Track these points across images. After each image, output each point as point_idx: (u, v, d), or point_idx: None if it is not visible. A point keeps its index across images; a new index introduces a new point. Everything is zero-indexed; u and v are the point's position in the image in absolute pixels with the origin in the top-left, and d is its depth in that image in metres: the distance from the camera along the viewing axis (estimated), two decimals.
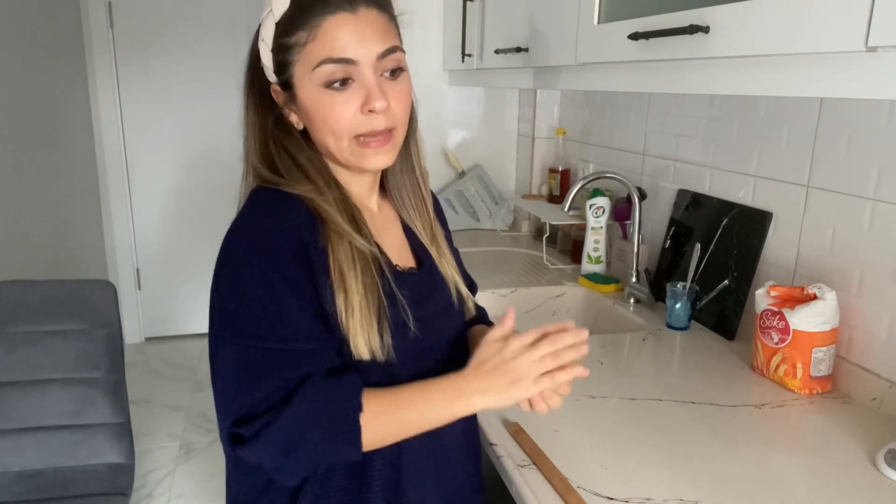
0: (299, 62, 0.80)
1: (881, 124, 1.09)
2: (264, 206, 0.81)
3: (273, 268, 0.76)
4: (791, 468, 0.93)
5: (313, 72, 0.79)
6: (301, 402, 0.73)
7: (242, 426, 0.74)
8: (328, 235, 0.80)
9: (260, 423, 0.73)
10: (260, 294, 0.75)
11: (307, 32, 0.78)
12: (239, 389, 0.75)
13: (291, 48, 0.80)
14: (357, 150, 0.82)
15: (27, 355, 1.59)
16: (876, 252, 1.11)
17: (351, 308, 0.78)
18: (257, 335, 0.75)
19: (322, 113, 0.81)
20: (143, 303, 3.50)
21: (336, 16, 0.78)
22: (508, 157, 2.55)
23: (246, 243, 0.78)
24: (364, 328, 0.78)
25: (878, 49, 0.69)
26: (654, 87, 1.11)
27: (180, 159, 3.37)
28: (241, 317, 0.76)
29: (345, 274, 0.78)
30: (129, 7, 3.15)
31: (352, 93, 0.80)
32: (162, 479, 2.36)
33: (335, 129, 0.81)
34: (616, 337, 1.43)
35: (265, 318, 0.75)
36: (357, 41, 0.78)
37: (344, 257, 0.79)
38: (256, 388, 0.74)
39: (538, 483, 0.89)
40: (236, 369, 0.76)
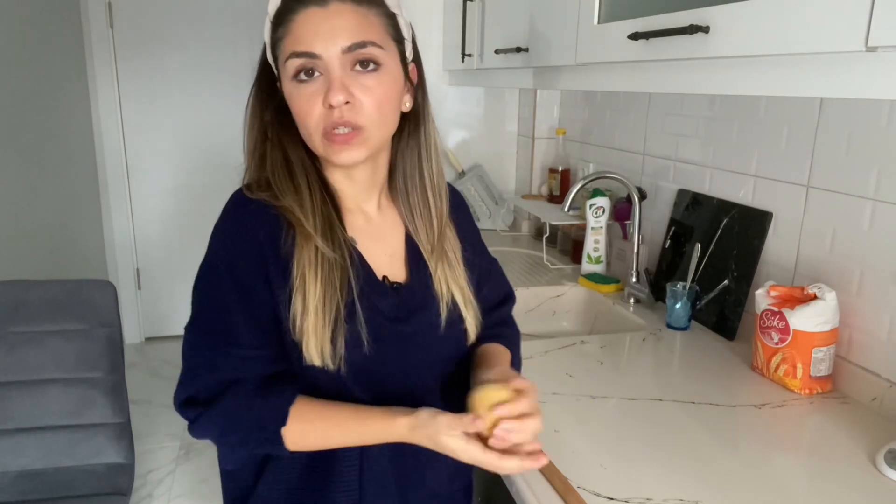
0: (279, 57, 0.82)
1: (881, 124, 1.09)
2: (232, 213, 0.85)
3: (229, 273, 0.81)
4: (791, 468, 0.93)
5: (284, 65, 0.80)
6: (227, 403, 0.81)
7: (187, 408, 0.83)
8: (296, 239, 0.81)
9: (198, 410, 0.82)
10: (214, 296, 0.83)
11: (284, 28, 0.80)
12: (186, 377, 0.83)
13: (276, 44, 0.82)
14: (326, 145, 0.81)
15: (27, 355, 1.59)
16: (876, 252, 1.11)
17: (307, 311, 0.79)
18: (207, 332, 0.83)
19: (295, 107, 0.82)
20: (143, 303, 3.50)
21: (307, 10, 0.78)
22: (508, 157, 2.55)
23: (211, 246, 0.84)
24: (317, 333, 0.79)
25: (878, 49, 0.69)
26: (654, 87, 1.11)
27: (180, 159, 3.37)
28: (196, 310, 0.84)
29: (306, 276, 0.79)
30: (129, 7, 3.15)
31: (318, 87, 0.78)
32: (162, 479, 2.36)
33: (304, 123, 0.81)
34: (616, 337, 1.43)
35: (215, 319, 0.82)
36: (322, 35, 0.77)
37: (307, 260, 0.80)
38: (200, 377, 0.82)
39: (538, 483, 0.89)
40: (188, 360, 0.84)
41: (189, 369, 0.83)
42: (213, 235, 0.84)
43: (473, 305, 0.92)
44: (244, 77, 3.69)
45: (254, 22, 3.31)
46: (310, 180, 0.85)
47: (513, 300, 1.05)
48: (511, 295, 1.05)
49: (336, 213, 0.85)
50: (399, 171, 0.91)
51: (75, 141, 2.99)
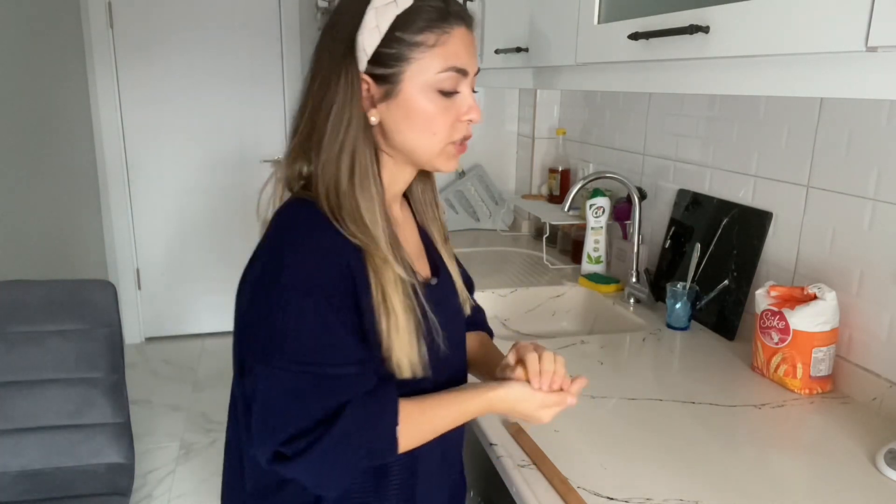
0: (420, 61, 0.80)
1: (881, 124, 1.09)
2: (314, 232, 0.80)
3: (322, 294, 0.77)
4: (791, 468, 0.93)
5: (436, 75, 0.81)
6: (346, 422, 0.76)
7: (287, 445, 0.76)
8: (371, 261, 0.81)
9: (304, 442, 0.75)
10: (309, 320, 0.77)
11: (437, 36, 0.80)
12: (287, 412, 0.76)
13: (414, 45, 0.80)
14: (446, 152, 0.86)
15: (27, 355, 1.59)
16: (876, 252, 1.11)
17: (396, 330, 0.81)
18: (306, 360, 0.77)
19: (429, 115, 0.83)
20: (143, 303, 3.50)
21: (461, 28, 0.83)
22: (508, 157, 2.55)
23: (293, 267, 0.78)
24: (407, 349, 0.82)
25: (878, 49, 0.69)
26: (654, 87, 1.11)
27: (180, 159, 3.37)
28: (288, 341, 0.77)
29: (389, 297, 0.80)
30: (129, 7, 3.15)
31: (455, 102, 0.84)
32: (162, 479, 2.36)
33: (437, 131, 0.84)
34: (616, 337, 1.43)
35: (314, 343, 0.77)
36: (470, 56, 0.84)
37: (388, 281, 0.81)
38: (305, 411, 0.76)
39: (538, 483, 0.89)
40: (285, 392, 0.77)
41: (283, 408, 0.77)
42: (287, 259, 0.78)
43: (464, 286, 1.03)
44: (244, 77, 3.70)
45: (254, 22, 3.31)
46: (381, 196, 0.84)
47: (474, 287, 1.15)
48: (472, 281, 1.13)
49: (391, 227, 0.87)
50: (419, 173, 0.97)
51: (75, 141, 2.99)
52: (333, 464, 0.77)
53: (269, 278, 0.78)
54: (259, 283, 0.80)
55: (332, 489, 0.80)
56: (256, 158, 3.41)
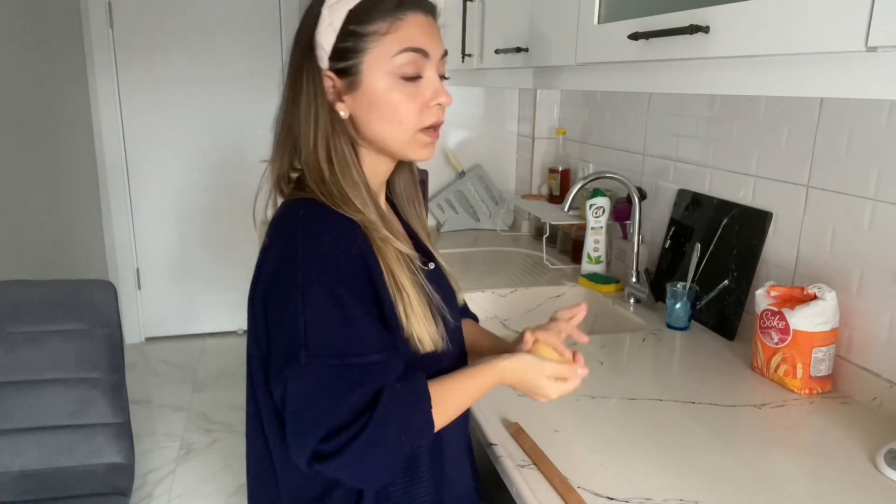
0: (375, 49, 0.82)
1: (881, 124, 1.09)
2: (325, 227, 0.81)
3: (341, 286, 0.78)
4: (791, 468, 0.93)
5: (392, 59, 0.82)
6: (383, 411, 0.76)
7: (327, 442, 0.75)
8: (374, 242, 0.82)
9: (345, 436, 0.74)
10: (331, 313, 0.77)
11: (388, 23, 0.82)
12: (322, 408, 0.76)
13: (367, 35, 0.82)
14: (417, 140, 0.87)
15: (27, 355, 1.59)
16: (876, 252, 1.11)
17: (411, 306, 0.82)
18: (333, 353, 0.76)
19: (393, 103, 0.84)
20: (143, 303, 3.50)
21: (417, 14, 0.84)
22: (508, 157, 2.55)
23: (310, 263, 0.78)
24: (424, 323, 0.83)
25: (878, 49, 0.69)
26: (654, 87, 1.11)
27: (180, 159, 3.37)
28: (313, 337, 0.76)
29: (397, 276, 0.82)
30: (129, 7, 3.15)
31: (419, 88, 0.85)
32: (162, 479, 2.36)
33: (404, 119, 0.84)
34: (616, 337, 1.43)
35: (339, 335, 0.77)
36: (430, 39, 0.85)
37: (392, 259, 0.82)
38: (341, 405, 0.75)
39: (538, 483, 0.89)
40: (317, 389, 0.76)
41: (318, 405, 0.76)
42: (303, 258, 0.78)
43: None
44: (244, 77, 3.70)
45: (254, 21, 3.31)
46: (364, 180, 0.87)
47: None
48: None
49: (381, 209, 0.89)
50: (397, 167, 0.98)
51: (75, 141, 2.99)
52: (377, 454, 0.75)
53: (285, 278, 0.78)
54: (274, 286, 0.80)
55: (377, 480, 0.79)
56: (256, 158, 3.40)
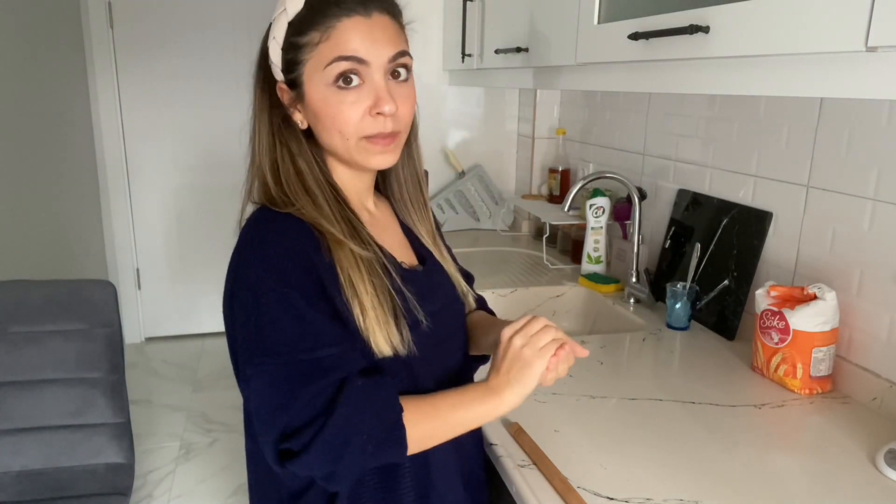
0: (310, 61, 0.81)
1: (881, 124, 1.09)
2: (270, 230, 0.82)
3: (288, 285, 0.77)
4: (791, 468, 0.93)
5: (325, 69, 0.80)
6: (345, 405, 0.75)
7: (289, 440, 0.75)
8: (330, 247, 0.81)
9: (308, 433, 0.74)
10: (280, 312, 0.77)
11: (321, 33, 0.80)
12: (277, 405, 0.75)
13: (303, 47, 0.81)
14: (364, 149, 0.84)
15: (27, 355, 1.59)
16: (876, 252, 1.11)
17: (364, 309, 0.80)
18: (285, 350, 0.76)
19: (331, 112, 0.82)
20: (143, 303, 3.50)
21: (351, 18, 0.80)
22: (508, 157, 2.55)
23: (258, 267, 0.79)
24: (381, 326, 0.81)
25: (878, 49, 0.69)
26: (654, 87, 1.11)
27: (180, 159, 3.37)
28: (265, 337, 0.77)
29: (353, 279, 0.80)
30: (129, 7, 3.15)
31: (361, 94, 0.82)
32: (162, 479, 2.36)
33: (343, 129, 0.83)
34: (616, 337, 1.43)
35: (289, 332, 0.77)
36: (369, 43, 0.80)
37: (348, 263, 0.81)
38: (294, 400, 0.75)
39: (538, 483, 0.89)
40: (271, 387, 0.76)
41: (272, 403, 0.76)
42: (253, 257, 0.80)
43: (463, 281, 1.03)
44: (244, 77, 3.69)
45: (254, 21, 3.31)
46: (322, 187, 0.86)
47: (473, 278, 1.14)
48: (471, 274, 1.13)
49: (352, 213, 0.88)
50: (398, 168, 0.98)
51: (75, 141, 2.99)
52: (341, 451, 0.75)
53: (240, 283, 0.80)
54: (232, 290, 0.82)
55: (344, 479, 0.78)
56: None
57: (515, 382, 0.81)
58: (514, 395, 0.81)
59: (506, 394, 0.81)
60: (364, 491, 0.86)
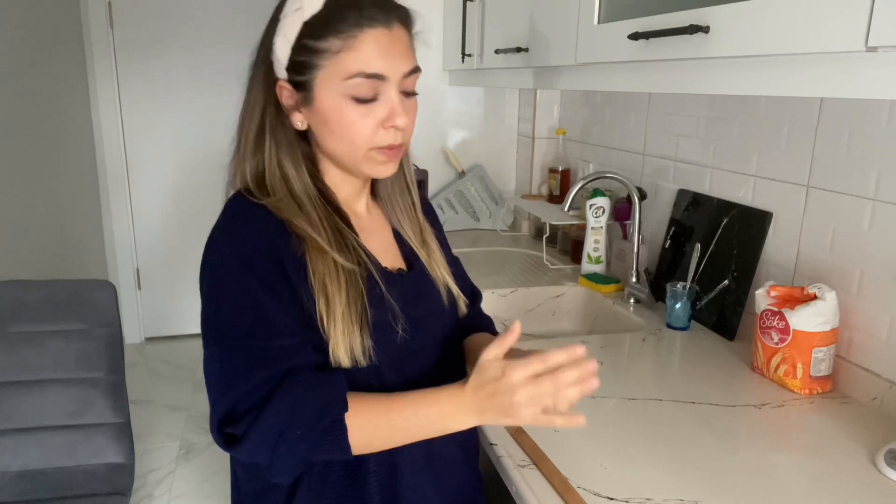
0: (327, 68, 0.80)
1: (881, 124, 1.09)
2: (238, 215, 0.83)
3: (249, 272, 0.78)
4: (791, 468, 0.93)
5: (345, 81, 0.79)
6: (284, 396, 0.75)
7: (231, 425, 0.76)
8: (306, 250, 0.80)
9: (247, 420, 0.74)
10: (237, 297, 0.78)
11: (341, 41, 0.78)
12: (223, 388, 0.76)
13: (320, 52, 0.79)
14: (371, 158, 0.84)
15: (27, 355, 1.59)
16: (876, 252, 1.11)
17: (333, 317, 0.79)
18: (237, 336, 0.77)
19: (344, 122, 0.81)
20: (143, 303, 3.50)
21: (374, 29, 0.79)
22: (508, 157, 2.55)
23: (222, 250, 0.80)
24: (345, 337, 0.79)
25: (878, 49, 0.69)
26: (654, 87, 1.11)
27: (180, 159, 3.37)
28: (220, 319, 0.79)
29: (327, 286, 0.79)
30: (129, 7, 3.15)
31: (376, 107, 0.81)
32: (162, 479, 2.36)
33: (354, 139, 0.82)
34: (616, 337, 1.43)
35: (243, 318, 0.77)
36: (389, 59, 0.80)
37: (326, 271, 0.80)
38: (238, 386, 0.75)
39: (538, 483, 0.89)
40: (219, 369, 0.77)
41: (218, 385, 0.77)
42: (220, 241, 0.81)
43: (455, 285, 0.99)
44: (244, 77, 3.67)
45: (254, 21, 3.30)
46: (309, 193, 0.85)
47: (481, 297, 1.12)
48: (479, 292, 1.11)
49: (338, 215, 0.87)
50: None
51: (75, 141, 2.99)
52: (275, 442, 0.74)
53: (204, 265, 0.82)
54: (201, 274, 0.83)
55: (283, 471, 0.76)
56: None
57: (491, 412, 0.74)
58: (480, 421, 0.76)
59: (469, 421, 0.76)
60: (327, 490, 0.85)
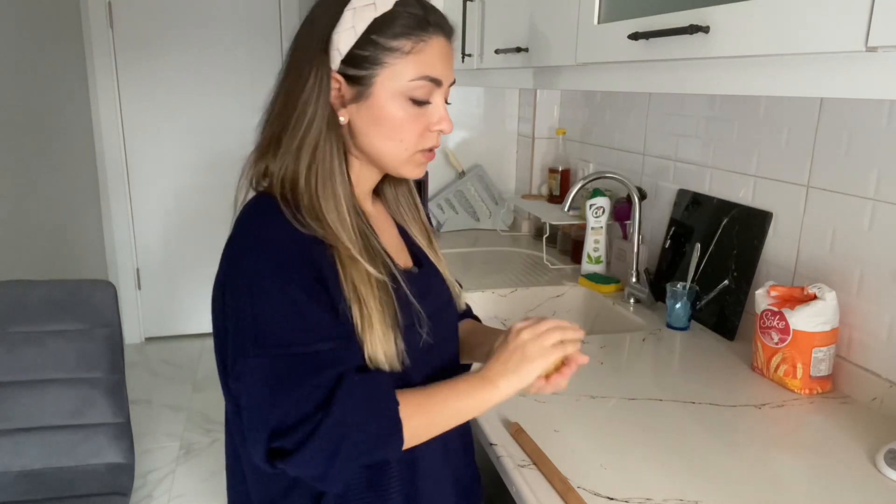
0: (393, 66, 0.80)
1: (881, 124, 1.09)
2: (269, 220, 0.80)
3: (288, 276, 0.76)
4: (791, 468, 0.93)
5: (409, 82, 0.81)
6: (342, 403, 0.73)
7: (282, 438, 0.72)
8: (337, 256, 0.80)
9: (303, 431, 0.71)
10: (278, 302, 0.75)
11: (413, 43, 0.80)
12: (271, 400, 0.73)
13: (389, 50, 0.80)
14: (415, 160, 0.86)
15: (27, 355, 1.59)
16: (876, 252, 1.11)
17: (370, 324, 0.79)
18: (281, 343, 0.74)
19: (398, 122, 0.83)
20: (143, 303, 3.50)
21: (440, 39, 0.83)
22: (508, 157, 2.55)
23: (257, 255, 0.77)
24: (381, 343, 0.80)
25: (878, 49, 0.69)
26: (654, 87, 1.11)
27: (180, 159, 3.37)
28: (261, 328, 0.75)
29: (360, 291, 0.79)
30: (129, 7, 3.15)
31: (426, 110, 0.84)
32: (162, 479, 2.36)
33: (404, 139, 0.84)
34: (616, 337, 1.43)
35: (287, 324, 0.75)
36: (446, 68, 0.85)
37: (359, 278, 0.80)
38: (290, 396, 0.72)
39: (538, 483, 0.89)
40: (265, 381, 0.73)
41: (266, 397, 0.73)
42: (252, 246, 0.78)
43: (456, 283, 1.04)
44: (244, 77, 3.69)
45: (254, 21, 3.31)
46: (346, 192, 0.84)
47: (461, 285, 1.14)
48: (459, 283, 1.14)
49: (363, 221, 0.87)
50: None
51: (75, 141, 2.99)
52: (337, 449, 0.72)
53: (234, 272, 0.78)
54: (224, 280, 0.80)
55: (338, 480, 0.75)
56: None
57: (512, 373, 0.81)
58: (509, 386, 0.81)
59: (500, 383, 0.81)
60: (350, 494, 0.85)
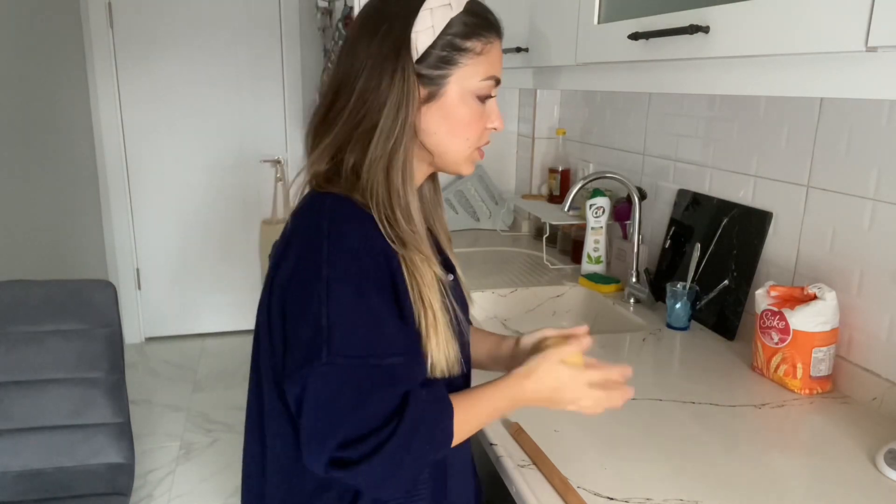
0: (468, 67, 0.82)
1: (881, 124, 1.09)
2: (350, 222, 0.79)
3: (366, 285, 0.75)
4: (791, 468, 0.93)
5: (480, 82, 0.84)
6: (410, 419, 0.72)
7: (349, 448, 0.71)
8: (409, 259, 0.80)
9: (370, 444, 0.71)
10: (356, 311, 0.74)
11: (483, 44, 0.83)
12: (342, 410, 0.72)
13: (465, 51, 0.82)
14: (472, 157, 0.90)
15: (27, 355, 1.59)
16: (876, 252, 1.11)
17: (435, 329, 0.80)
18: (358, 353, 0.73)
19: (466, 120, 0.85)
20: (143, 303, 3.50)
21: (499, 41, 0.87)
22: (508, 157, 2.55)
23: (334, 257, 0.75)
24: (445, 346, 0.81)
25: (878, 49, 0.69)
26: (654, 87, 1.11)
27: (180, 159, 3.37)
28: (337, 335, 0.73)
29: (427, 296, 0.80)
30: (129, 7, 3.15)
31: (486, 109, 0.87)
32: (162, 479, 2.36)
33: (470, 136, 0.86)
34: (616, 337, 1.43)
35: (364, 334, 0.74)
36: (502, 67, 0.88)
37: (425, 281, 0.80)
38: (362, 408, 0.71)
39: (538, 483, 0.89)
40: (338, 389, 0.72)
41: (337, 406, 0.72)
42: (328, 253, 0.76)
43: None
44: (244, 77, 3.70)
45: (254, 21, 3.31)
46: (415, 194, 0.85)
47: None
48: None
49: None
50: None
51: (75, 141, 2.99)
52: (403, 461, 0.72)
53: (308, 273, 0.76)
54: (296, 280, 0.77)
55: (399, 488, 0.75)
56: (256, 158, 3.41)
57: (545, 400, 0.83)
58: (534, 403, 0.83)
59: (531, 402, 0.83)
60: None
